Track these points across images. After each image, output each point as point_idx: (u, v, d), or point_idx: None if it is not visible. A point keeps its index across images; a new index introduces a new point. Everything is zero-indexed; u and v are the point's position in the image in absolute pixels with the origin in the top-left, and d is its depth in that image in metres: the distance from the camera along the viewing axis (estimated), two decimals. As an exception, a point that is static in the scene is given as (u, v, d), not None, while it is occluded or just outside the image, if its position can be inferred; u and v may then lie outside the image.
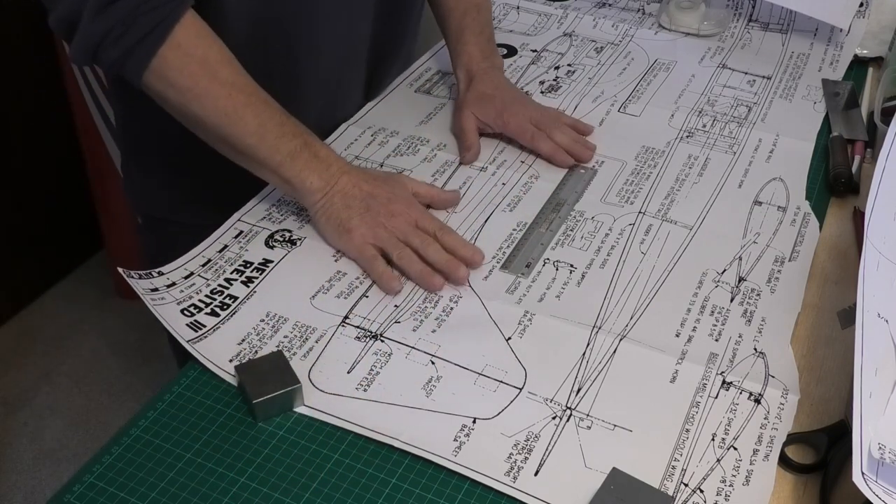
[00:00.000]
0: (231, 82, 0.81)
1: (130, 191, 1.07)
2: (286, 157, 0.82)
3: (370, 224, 0.82)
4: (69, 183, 2.14)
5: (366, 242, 0.81)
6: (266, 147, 0.82)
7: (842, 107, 1.08)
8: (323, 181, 0.83)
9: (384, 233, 0.82)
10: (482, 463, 0.64)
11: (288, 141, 0.82)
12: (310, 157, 0.83)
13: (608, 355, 0.73)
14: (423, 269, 0.80)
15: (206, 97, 0.79)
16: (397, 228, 0.82)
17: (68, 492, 0.63)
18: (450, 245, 0.82)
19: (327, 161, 0.84)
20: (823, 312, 0.78)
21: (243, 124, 0.81)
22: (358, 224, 0.82)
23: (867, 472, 0.55)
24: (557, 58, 1.19)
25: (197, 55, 0.79)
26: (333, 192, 0.83)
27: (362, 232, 0.82)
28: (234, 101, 0.80)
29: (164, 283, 0.79)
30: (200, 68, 0.79)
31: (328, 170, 0.83)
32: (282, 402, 0.68)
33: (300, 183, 0.83)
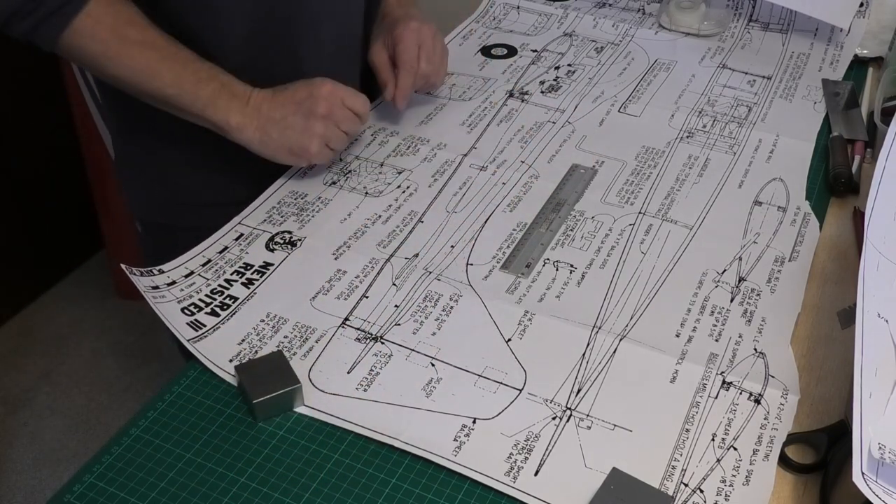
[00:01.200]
0: (140, 41, 0.84)
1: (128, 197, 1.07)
2: (207, 102, 0.86)
3: (313, 133, 0.88)
4: (69, 183, 2.14)
5: (319, 148, 0.89)
6: (186, 95, 0.86)
7: (842, 107, 1.08)
8: (246, 117, 0.87)
9: (324, 137, 0.89)
10: (482, 463, 0.64)
11: (205, 86, 0.86)
12: (229, 98, 0.87)
13: (608, 355, 0.73)
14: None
15: (118, 59, 0.84)
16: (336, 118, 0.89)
17: (68, 492, 0.63)
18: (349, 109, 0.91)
19: (245, 96, 0.88)
20: (823, 312, 0.78)
21: (160, 78, 0.85)
22: (308, 141, 0.88)
23: (867, 472, 0.55)
24: (557, 58, 1.19)
25: (107, 22, 0.82)
26: (262, 123, 0.87)
27: (311, 143, 0.88)
28: (147, 58, 0.84)
29: (164, 282, 0.79)
30: (111, 33, 0.83)
31: (248, 104, 0.87)
32: (282, 402, 0.68)
33: (227, 124, 0.87)
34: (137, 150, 1.02)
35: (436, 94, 1.10)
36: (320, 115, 0.87)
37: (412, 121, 1.04)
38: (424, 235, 0.86)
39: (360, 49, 1.04)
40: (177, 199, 1.02)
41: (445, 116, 1.06)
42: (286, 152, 0.89)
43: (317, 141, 0.88)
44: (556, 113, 1.07)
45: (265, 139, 0.88)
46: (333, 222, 0.88)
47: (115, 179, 1.93)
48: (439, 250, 0.85)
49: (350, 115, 0.90)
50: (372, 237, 0.86)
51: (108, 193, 2.02)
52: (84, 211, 2.15)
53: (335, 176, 0.95)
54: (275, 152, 0.89)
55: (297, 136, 0.88)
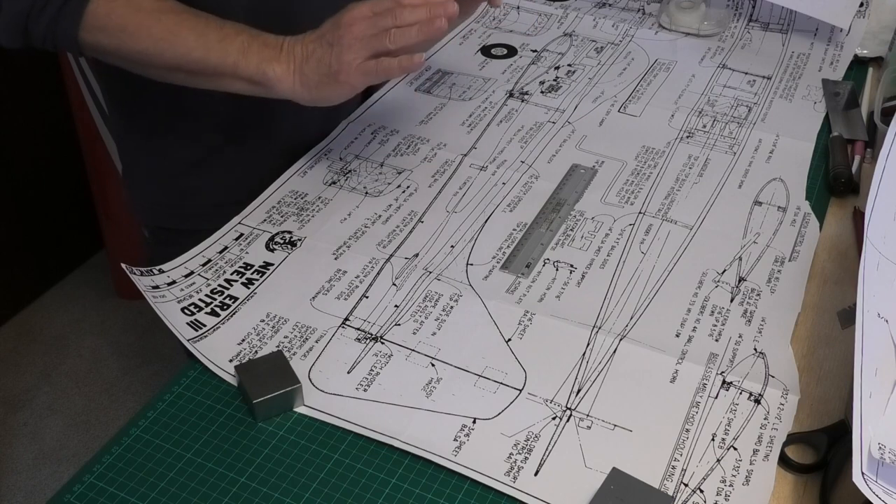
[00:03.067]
0: (156, 8, 0.81)
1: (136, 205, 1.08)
2: (239, 56, 0.81)
3: (345, 50, 0.80)
4: (69, 183, 2.15)
5: (358, 63, 0.80)
6: (215, 54, 0.81)
7: (842, 107, 1.08)
8: (283, 65, 0.82)
9: (359, 44, 0.80)
10: (482, 463, 0.64)
11: (232, 40, 0.81)
12: (260, 47, 0.82)
13: (608, 355, 0.73)
14: (418, 25, 0.80)
15: (139, 31, 0.80)
16: (364, 31, 0.80)
17: (68, 492, 0.63)
18: (416, 1, 0.82)
19: (276, 44, 0.83)
20: (823, 312, 0.78)
21: (183, 41, 0.81)
22: (337, 61, 0.80)
23: (867, 472, 0.55)
24: (557, 58, 1.19)
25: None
26: (298, 66, 0.82)
27: (346, 61, 0.80)
28: (167, 24, 0.81)
29: (164, 281, 0.79)
30: (125, 8, 0.80)
31: (281, 51, 0.82)
32: (282, 402, 0.68)
33: (263, 76, 0.82)
34: (144, 158, 1.02)
35: (436, 94, 1.10)
36: (342, 33, 0.80)
37: (412, 120, 1.04)
38: (424, 235, 0.86)
39: None
40: (184, 203, 1.02)
41: (445, 116, 1.06)
42: (329, 82, 0.81)
43: (347, 55, 0.80)
44: (556, 113, 1.07)
45: (304, 79, 0.82)
46: (333, 222, 0.88)
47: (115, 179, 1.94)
48: (439, 250, 0.85)
49: (378, 14, 0.81)
50: (372, 237, 0.86)
51: (108, 193, 2.02)
52: (84, 211, 2.15)
53: (335, 176, 0.95)
54: (318, 89, 0.82)
55: (325, 60, 0.81)
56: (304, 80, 0.82)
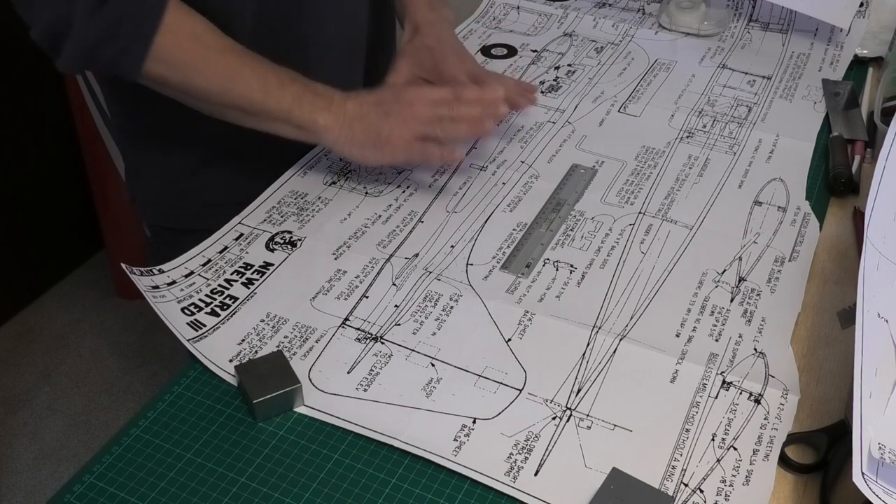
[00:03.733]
0: (221, 47, 0.83)
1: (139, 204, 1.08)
2: (293, 104, 0.84)
3: (398, 124, 0.85)
4: (69, 183, 2.15)
5: (407, 141, 0.86)
6: (273, 99, 0.84)
7: (842, 107, 1.08)
8: (332, 115, 0.85)
9: (415, 124, 0.86)
10: (482, 463, 0.64)
11: (289, 87, 0.85)
12: (313, 97, 0.85)
13: (608, 355, 0.73)
14: (469, 124, 0.87)
15: (205, 67, 0.82)
16: (421, 112, 0.86)
17: (68, 492, 0.63)
18: (471, 97, 0.88)
19: (327, 96, 0.86)
20: (823, 312, 0.78)
21: (245, 82, 0.83)
22: (389, 131, 0.85)
23: (867, 472, 0.55)
24: (557, 58, 1.19)
25: (186, 32, 0.82)
26: (348, 120, 0.85)
27: (398, 135, 0.85)
28: (230, 63, 0.83)
29: (164, 281, 0.79)
30: (192, 43, 0.82)
31: (332, 103, 0.86)
32: (282, 402, 0.68)
33: (313, 124, 0.85)
34: (146, 158, 1.02)
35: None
36: (401, 108, 0.86)
37: (412, 121, 1.04)
38: (424, 235, 0.86)
39: (366, 43, 1.04)
40: (185, 203, 1.02)
41: (445, 116, 1.05)
42: (371, 146, 0.86)
43: (399, 130, 0.85)
44: (556, 113, 1.07)
45: (350, 135, 0.86)
46: (333, 222, 0.88)
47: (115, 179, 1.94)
48: (439, 250, 0.85)
49: (437, 101, 0.87)
50: (372, 237, 0.86)
51: (108, 193, 2.02)
52: (84, 211, 2.15)
53: (335, 176, 0.95)
54: (361, 148, 0.86)
55: (377, 126, 0.86)
56: (351, 136, 0.86)
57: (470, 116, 0.87)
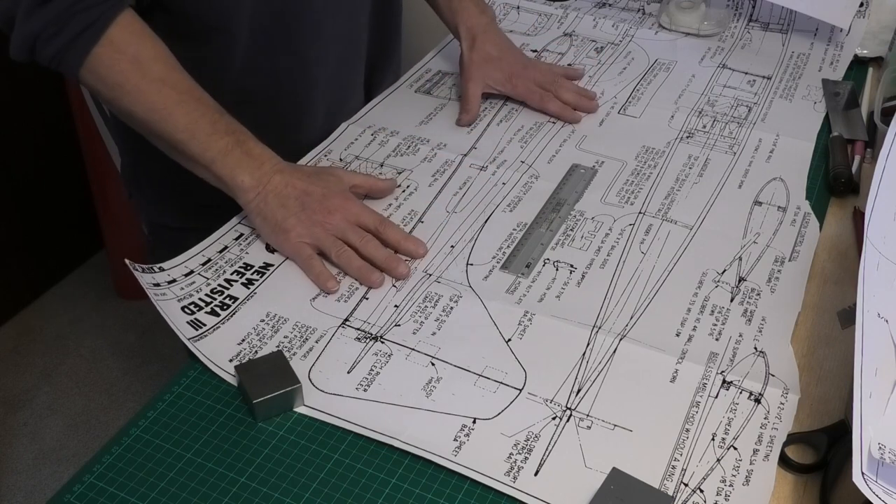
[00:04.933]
0: (162, 79, 0.81)
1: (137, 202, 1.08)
2: (217, 155, 0.82)
3: (306, 223, 0.81)
4: (69, 183, 2.15)
5: (302, 242, 0.81)
6: (197, 144, 0.82)
7: (842, 107, 1.08)
8: (255, 179, 0.82)
9: (321, 232, 0.81)
10: (482, 463, 0.64)
11: (219, 138, 0.82)
12: (242, 155, 0.82)
13: (608, 355, 0.73)
14: (362, 266, 0.80)
15: (135, 93, 0.81)
16: (335, 226, 0.81)
17: (68, 492, 0.63)
18: (392, 239, 0.82)
19: (260, 159, 0.83)
20: (823, 312, 0.78)
21: (173, 121, 0.81)
22: (294, 224, 0.81)
23: (867, 472, 0.55)
24: (557, 58, 1.19)
25: (129, 53, 0.80)
26: (267, 191, 0.82)
27: (298, 232, 0.81)
28: (165, 98, 0.81)
29: (165, 279, 0.79)
30: (131, 65, 0.80)
31: (261, 168, 0.82)
32: (282, 402, 0.68)
33: (232, 181, 0.82)
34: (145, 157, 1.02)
35: (436, 95, 1.10)
36: (318, 209, 0.81)
37: (412, 121, 1.04)
38: (424, 235, 0.86)
39: (366, 46, 1.05)
40: (185, 202, 1.02)
41: (445, 116, 1.06)
42: (272, 227, 0.82)
43: (300, 227, 0.81)
44: (556, 113, 1.07)
45: (261, 206, 0.82)
46: (333, 222, 0.88)
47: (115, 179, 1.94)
48: (439, 250, 0.85)
49: (358, 225, 0.82)
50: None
51: (108, 193, 2.02)
52: (84, 211, 2.15)
53: (335, 176, 0.95)
54: (262, 223, 0.82)
55: (286, 211, 0.81)
56: (261, 208, 0.82)
57: (372, 257, 0.80)
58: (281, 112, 0.98)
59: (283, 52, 0.94)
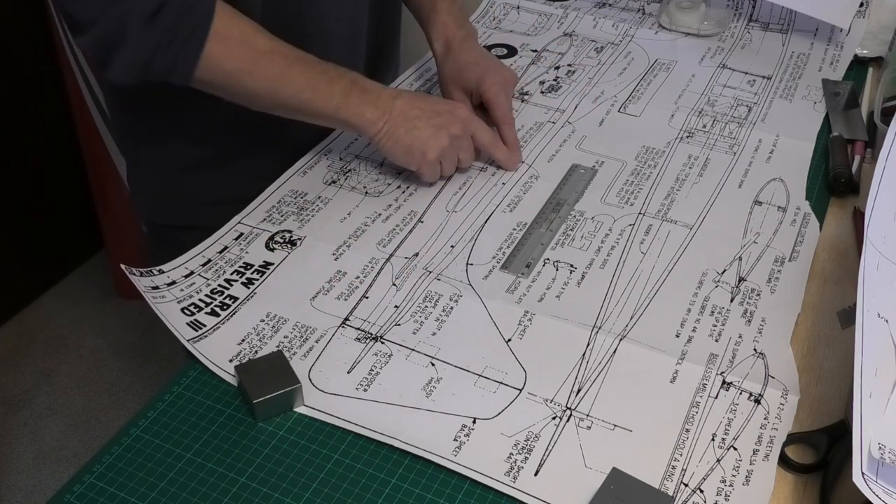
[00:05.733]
0: (270, 49, 0.84)
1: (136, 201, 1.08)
2: (341, 101, 0.86)
3: (439, 144, 0.89)
4: (69, 183, 2.15)
5: (436, 166, 0.90)
6: (321, 97, 0.86)
7: (842, 107, 1.08)
8: (379, 110, 0.87)
9: (452, 148, 0.90)
10: (482, 463, 0.64)
11: (336, 84, 0.86)
12: (360, 93, 0.87)
13: (608, 355, 0.73)
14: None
15: (256, 71, 0.83)
16: (456, 139, 0.90)
17: (68, 492, 0.63)
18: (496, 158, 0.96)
19: (376, 92, 0.88)
20: (823, 312, 0.78)
21: (293, 83, 0.84)
22: (427, 145, 0.88)
23: (867, 472, 0.55)
24: (557, 58, 1.19)
25: (235, 36, 0.82)
26: (393, 117, 0.87)
27: (435, 150, 0.89)
28: (279, 65, 0.84)
29: (164, 282, 0.79)
30: (242, 47, 0.82)
31: (379, 99, 0.88)
32: (282, 402, 0.68)
33: (360, 118, 0.87)
34: (146, 157, 1.02)
35: (436, 95, 1.10)
36: (452, 131, 0.89)
37: (412, 121, 1.04)
38: (424, 235, 0.86)
39: (365, 47, 1.05)
40: (185, 201, 1.02)
41: (445, 116, 1.05)
42: (405, 150, 0.88)
43: (438, 151, 0.89)
44: (556, 113, 1.07)
45: (391, 133, 0.88)
46: (333, 221, 0.88)
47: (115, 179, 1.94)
48: (439, 250, 0.85)
49: (472, 148, 0.92)
50: (372, 237, 0.86)
51: (108, 193, 2.02)
52: (84, 211, 2.15)
53: (335, 175, 0.95)
54: (394, 147, 0.89)
55: (424, 138, 0.88)
56: (391, 133, 0.88)
57: (466, 163, 0.93)
58: None
59: None
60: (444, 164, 0.91)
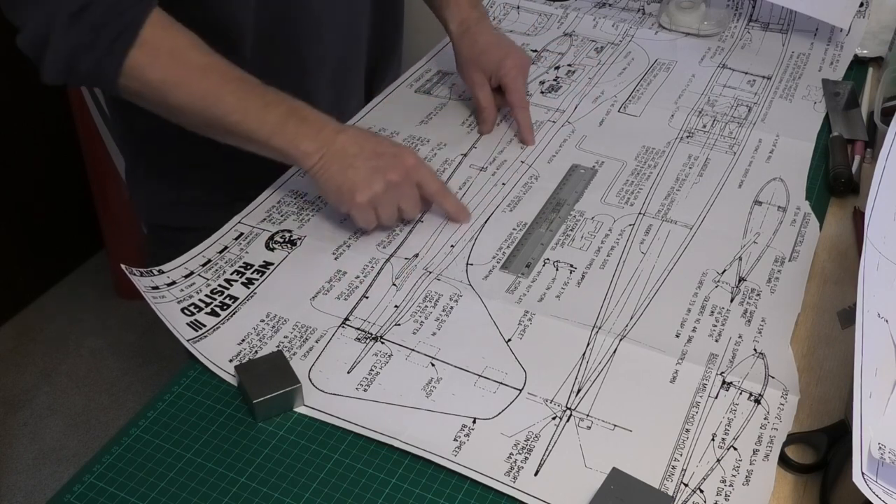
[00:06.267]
0: (203, 64, 0.80)
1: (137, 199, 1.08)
2: (274, 128, 0.81)
3: (375, 187, 0.81)
4: (69, 183, 2.14)
5: (368, 205, 0.82)
6: (252, 121, 0.80)
7: (842, 107, 1.08)
8: (317, 143, 0.81)
9: (391, 196, 0.83)
10: (482, 463, 0.64)
11: (272, 111, 0.81)
12: (299, 122, 0.82)
13: (608, 355, 0.73)
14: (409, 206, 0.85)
15: (181, 85, 0.79)
16: (396, 186, 0.82)
17: (68, 492, 0.63)
18: (444, 210, 0.88)
19: (318, 124, 0.83)
20: (823, 312, 0.78)
21: (223, 103, 0.80)
22: (363, 186, 0.81)
23: (867, 472, 0.55)
24: (557, 58, 1.19)
25: (165, 47, 0.78)
26: (331, 153, 0.81)
27: (368, 195, 0.81)
28: (210, 83, 0.80)
29: (164, 282, 0.79)
30: (170, 59, 0.79)
31: (321, 132, 0.82)
32: (282, 402, 0.68)
33: (294, 150, 0.81)
34: (146, 157, 1.02)
35: (436, 95, 1.10)
36: (389, 177, 0.82)
37: (412, 121, 1.04)
38: (424, 235, 0.86)
39: (367, 48, 1.05)
40: (185, 202, 1.02)
41: (445, 116, 1.06)
42: (336, 189, 0.82)
43: (369, 195, 0.81)
44: (556, 113, 1.07)
45: (325, 169, 0.82)
46: (333, 221, 0.88)
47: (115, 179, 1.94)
48: (439, 250, 0.85)
49: (416, 198, 0.85)
50: (372, 237, 0.86)
51: (108, 193, 2.02)
52: (84, 211, 2.15)
53: (335, 176, 0.95)
54: (325, 185, 0.82)
55: (356, 179, 0.81)
56: (325, 168, 0.82)
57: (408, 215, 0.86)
58: None
59: (285, 53, 0.94)
60: (380, 211, 0.83)
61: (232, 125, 0.81)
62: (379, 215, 0.83)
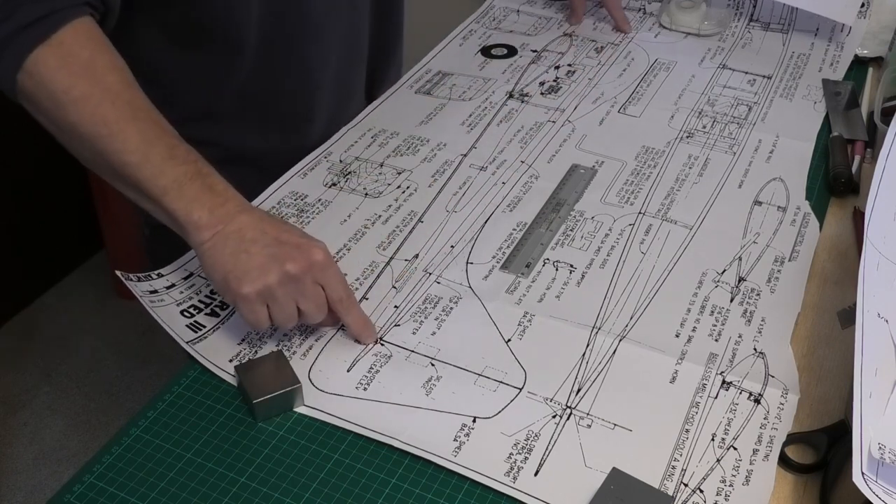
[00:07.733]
0: (116, 91, 0.69)
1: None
2: (172, 184, 0.69)
3: (267, 280, 0.68)
4: (69, 183, 2.14)
5: (260, 306, 0.69)
6: (149, 168, 0.69)
7: (842, 107, 1.08)
8: (214, 217, 0.69)
9: (286, 293, 0.69)
10: (482, 463, 0.64)
11: (177, 165, 0.70)
12: (202, 189, 0.70)
13: (608, 355, 0.73)
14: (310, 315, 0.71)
15: (82, 102, 0.68)
16: (303, 293, 0.69)
17: (68, 492, 0.63)
18: (351, 319, 0.73)
19: (223, 197, 0.71)
20: (823, 312, 0.78)
21: (123, 138, 0.69)
22: (254, 278, 0.68)
23: (867, 472, 0.55)
24: (557, 58, 1.19)
25: (82, 57, 0.69)
26: (227, 232, 0.69)
27: (254, 289, 0.68)
28: (117, 112, 0.69)
29: (163, 285, 0.79)
30: (83, 70, 0.69)
31: (223, 205, 0.70)
32: (282, 402, 0.68)
33: (186, 216, 0.69)
34: None
35: (436, 95, 1.10)
36: (288, 268, 0.68)
37: (412, 121, 1.04)
38: (424, 235, 0.86)
39: (367, 49, 1.05)
40: None
41: (445, 116, 1.06)
42: (222, 275, 0.69)
43: (258, 286, 0.68)
44: (556, 113, 1.07)
45: (215, 249, 0.69)
46: (334, 224, 0.88)
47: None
48: (439, 250, 0.85)
49: (319, 299, 0.70)
50: (372, 239, 0.86)
51: (108, 193, 2.02)
52: (84, 211, 2.15)
53: (335, 177, 0.95)
54: (211, 268, 0.70)
55: (246, 267, 0.68)
56: (215, 250, 0.69)
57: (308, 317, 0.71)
58: (282, 115, 0.98)
59: (285, 55, 0.94)
60: (273, 309, 0.69)
61: (124, 166, 0.69)
62: (272, 313, 0.69)
